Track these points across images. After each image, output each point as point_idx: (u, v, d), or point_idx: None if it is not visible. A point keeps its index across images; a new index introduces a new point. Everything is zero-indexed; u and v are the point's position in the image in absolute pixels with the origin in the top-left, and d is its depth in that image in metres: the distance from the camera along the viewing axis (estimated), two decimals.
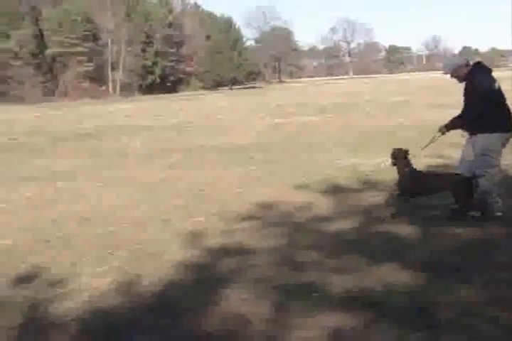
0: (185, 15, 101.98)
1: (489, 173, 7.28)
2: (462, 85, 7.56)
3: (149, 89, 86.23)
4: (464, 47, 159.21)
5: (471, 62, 7.49)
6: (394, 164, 7.74)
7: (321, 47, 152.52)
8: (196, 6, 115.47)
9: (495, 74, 7.50)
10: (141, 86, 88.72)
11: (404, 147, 7.89)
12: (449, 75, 7.55)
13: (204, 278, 5.85)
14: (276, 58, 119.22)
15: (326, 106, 32.67)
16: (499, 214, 7.31)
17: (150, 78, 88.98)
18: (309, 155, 13.88)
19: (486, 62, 7.79)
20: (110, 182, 11.67)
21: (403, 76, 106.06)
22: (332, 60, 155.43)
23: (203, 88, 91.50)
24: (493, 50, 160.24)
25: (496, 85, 7.36)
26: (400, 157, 7.67)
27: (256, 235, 7.25)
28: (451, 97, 21.07)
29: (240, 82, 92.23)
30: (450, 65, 7.48)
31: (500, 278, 5.39)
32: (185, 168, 13.04)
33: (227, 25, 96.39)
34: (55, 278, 6.05)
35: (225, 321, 4.82)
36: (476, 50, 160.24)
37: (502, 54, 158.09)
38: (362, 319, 4.65)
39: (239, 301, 5.17)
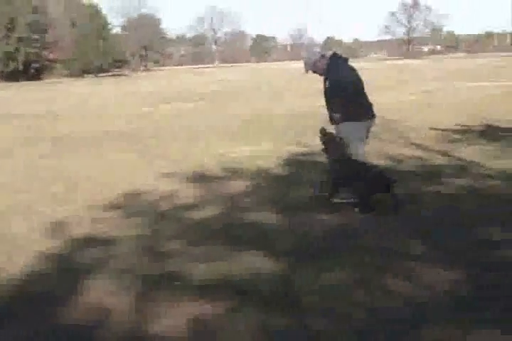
0: (50, 0, 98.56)
1: None
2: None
3: (12, 77, 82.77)
4: (328, 38, 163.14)
5: (328, 54, 7.65)
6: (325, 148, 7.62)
7: (188, 35, 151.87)
8: None
9: (358, 64, 7.72)
10: (2, 73, 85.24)
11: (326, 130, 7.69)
12: (310, 72, 7.72)
13: (67, 269, 5.74)
14: (143, 46, 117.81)
15: (198, 93, 32.62)
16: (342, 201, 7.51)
17: (12, 65, 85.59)
18: (181, 143, 13.84)
19: (349, 53, 7.95)
20: None
21: (271, 65, 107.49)
22: (199, 49, 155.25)
23: (68, 75, 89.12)
24: (356, 41, 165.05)
25: (354, 75, 7.57)
26: (330, 140, 7.54)
27: (121, 224, 7.17)
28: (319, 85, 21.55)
29: (106, 70, 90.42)
30: (308, 63, 7.63)
31: (363, 262, 5.56)
32: (55, 157, 12.68)
33: (93, 11, 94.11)
34: None
35: (88, 312, 4.74)
36: (340, 40, 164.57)
37: (364, 45, 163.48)
38: (226, 306, 4.69)
39: (102, 292, 5.11)
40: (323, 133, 7.60)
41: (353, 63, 7.77)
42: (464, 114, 16.88)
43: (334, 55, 7.71)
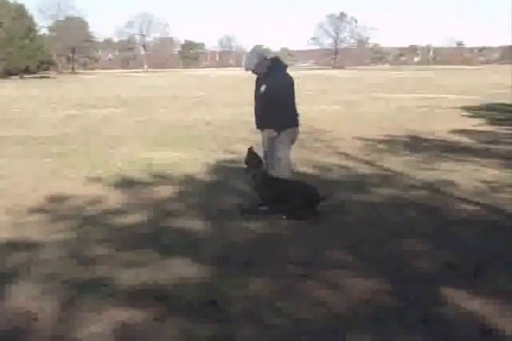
0: None
1: (278, 168, 7.54)
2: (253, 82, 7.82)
3: None
4: (257, 45, 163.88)
5: (269, 57, 7.70)
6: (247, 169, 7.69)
7: (116, 39, 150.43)
8: None
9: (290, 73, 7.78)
10: None
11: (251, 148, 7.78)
12: (250, 71, 7.74)
13: None
14: (70, 48, 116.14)
15: (125, 99, 32.30)
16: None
17: None
18: (106, 148, 13.66)
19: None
20: None
21: (200, 71, 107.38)
22: (127, 53, 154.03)
23: None
24: (284, 50, 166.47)
25: (289, 82, 7.61)
26: (252, 161, 7.62)
27: (45, 229, 7.02)
28: (245, 93, 21.68)
29: (32, 72, 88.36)
30: (251, 62, 7.64)
31: (288, 271, 5.61)
32: None
33: (19, 12, 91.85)
34: None
35: (11, 319, 4.64)
36: (267, 48, 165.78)
37: (291, 53, 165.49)
38: (152, 313, 4.66)
39: (26, 298, 5.00)
40: (248, 152, 7.68)
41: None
42: (387, 125, 17.28)
43: (276, 58, 7.77)
